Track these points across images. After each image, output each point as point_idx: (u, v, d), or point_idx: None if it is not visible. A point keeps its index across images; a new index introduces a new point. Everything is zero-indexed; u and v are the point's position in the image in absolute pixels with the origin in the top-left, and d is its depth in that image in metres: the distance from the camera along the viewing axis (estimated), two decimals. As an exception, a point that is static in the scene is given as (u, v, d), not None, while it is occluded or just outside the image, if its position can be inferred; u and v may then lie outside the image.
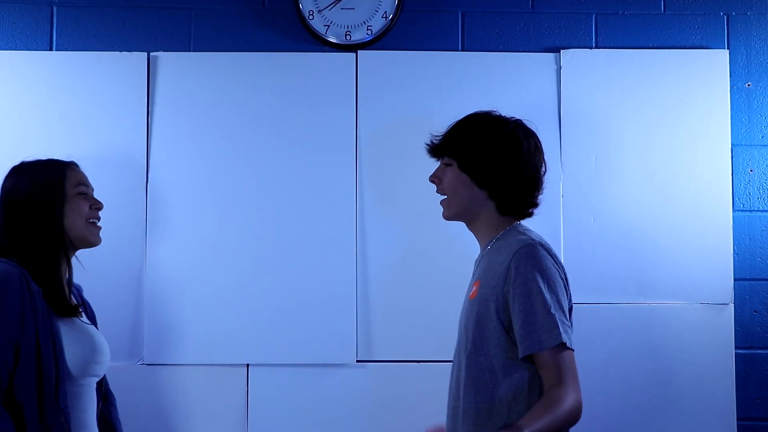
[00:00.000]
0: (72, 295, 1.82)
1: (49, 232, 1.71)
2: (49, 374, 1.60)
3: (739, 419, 2.28)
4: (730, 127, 2.34)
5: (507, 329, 1.60)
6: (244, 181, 2.30)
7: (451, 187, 1.73)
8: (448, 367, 1.89)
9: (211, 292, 2.27)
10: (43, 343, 1.60)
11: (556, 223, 2.30)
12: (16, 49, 2.33)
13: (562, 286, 1.62)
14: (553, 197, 2.31)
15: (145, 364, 2.25)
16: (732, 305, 2.30)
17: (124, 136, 2.29)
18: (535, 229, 1.82)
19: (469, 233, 1.87)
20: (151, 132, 2.31)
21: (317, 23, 2.33)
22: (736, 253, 2.33)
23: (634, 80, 2.34)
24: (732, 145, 2.35)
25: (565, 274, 1.67)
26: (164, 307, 2.26)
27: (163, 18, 2.36)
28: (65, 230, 1.74)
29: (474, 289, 1.68)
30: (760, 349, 2.32)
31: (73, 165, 1.84)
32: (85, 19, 2.35)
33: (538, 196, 1.74)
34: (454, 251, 2.26)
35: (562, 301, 1.60)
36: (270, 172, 2.31)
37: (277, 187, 2.31)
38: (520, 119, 1.76)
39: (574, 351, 1.57)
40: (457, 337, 1.78)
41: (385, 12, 2.33)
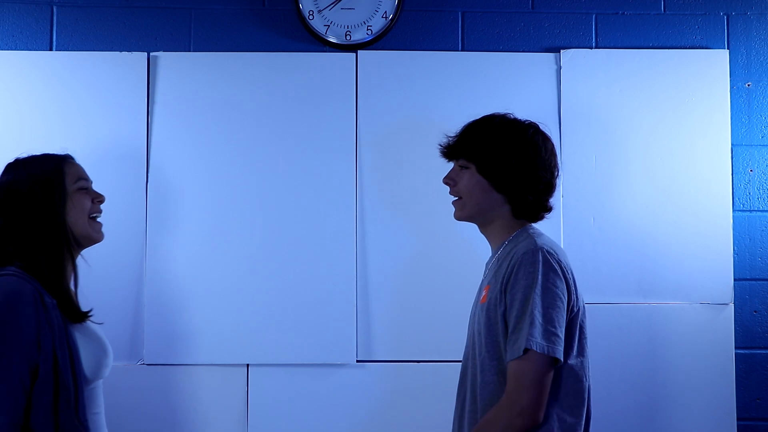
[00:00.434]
0: None
1: (53, 232, 1.65)
2: (67, 388, 1.56)
3: (739, 419, 2.28)
4: (730, 127, 2.34)
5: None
6: (244, 182, 2.30)
7: (468, 191, 1.72)
8: (448, 367, 1.90)
9: (212, 292, 2.27)
10: (61, 358, 1.56)
11: (556, 223, 2.30)
12: (16, 49, 2.33)
13: (560, 295, 1.60)
14: (554, 197, 2.30)
15: (145, 364, 2.25)
16: (732, 305, 2.30)
17: (125, 136, 2.29)
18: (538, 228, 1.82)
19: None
20: (151, 132, 2.31)
21: (317, 23, 2.33)
22: (736, 253, 2.33)
23: (634, 80, 2.34)
24: (732, 145, 2.35)
25: (573, 277, 1.66)
26: (164, 307, 2.26)
27: (163, 18, 2.36)
28: (68, 228, 1.68)
29: (484, 293, 1.69)
30: (760, 349, 2.33)
31: (70, 158, 1.79)
32: (85, 19, 2.35)
33: (551, 200, 1.75)
34: (455, 251, 2.26)
35: (553, 311, 1.57)
36: (270, 172, 2.31)
37: (277, 187, 2.31)
38: (536, 122, 1.76)
39: (552, 359, 1.56)
40: (467, 340, 1.78)
41: (385, 12, 2.33)
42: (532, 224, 1.75)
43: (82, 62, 2.32)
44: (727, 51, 2.37)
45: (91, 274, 1.92)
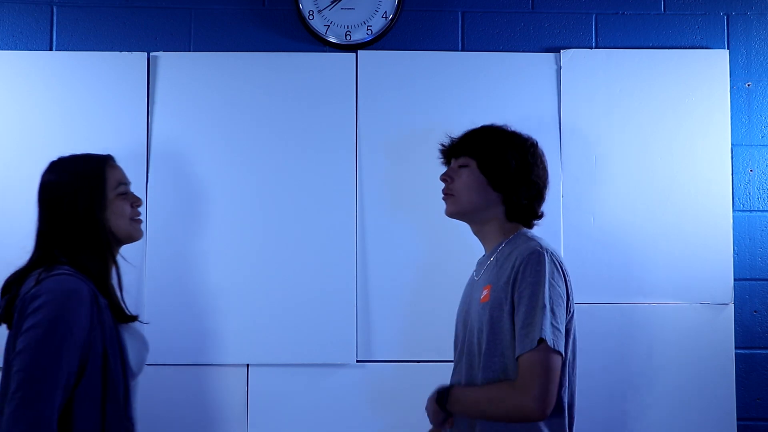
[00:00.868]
0: None
1: (95, 235, 1.70)
2: (116, 385, 1.61)
3: (739, 419, 2.28)
4: (730, 127, 2.34)
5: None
6: (244, 181, 2.30)
7: (465, 187, 1.78)
8: (448, 367, 1.90)
9: (212, 292, 2.27)
10: (111, 356, 1.61)
11: (556, 223, 2.30)
12: (16, 49, 2.33)
13: (562, 295, 1.66)
14: (553, 197, 2.31)
15: (145, 364, 2.24)
16: (732, 305, 2.30)
17: (124, 136, 2.29)
18: (536, 230, 1.86)
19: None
20: (151, 132, 2.31)
21: (317, 23, 2.33)
22: (736, 253, 2.33)
23: (634, 80, 2.34)
24: (732, 145, 2.35)
25: (570, 281, 1.71)
26: (164, 307, 2.26)
27: (163, 18, 2.37)
28: (110, 231, 1.74)
29: (486, 293, 1.71)
30: (760, 349, 2.33)
31: (111, 161, 1.83)
32: (85, 19, 2.35)
33: (541, 209, 1.83)
34: (455, 251, 2.26)
35: (557, 309, 1.63)
36: (270, 172, 2.31)
37: (277, 187, 2.31)
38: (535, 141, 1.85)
39: (559, 355, 1.61)
40: (461, 340, 1.81)
41: (385, 12, 2.33)
42: (527, 229, 1.81)
43: (82, 62, 2.32)
44: (727, 51, 2.37)
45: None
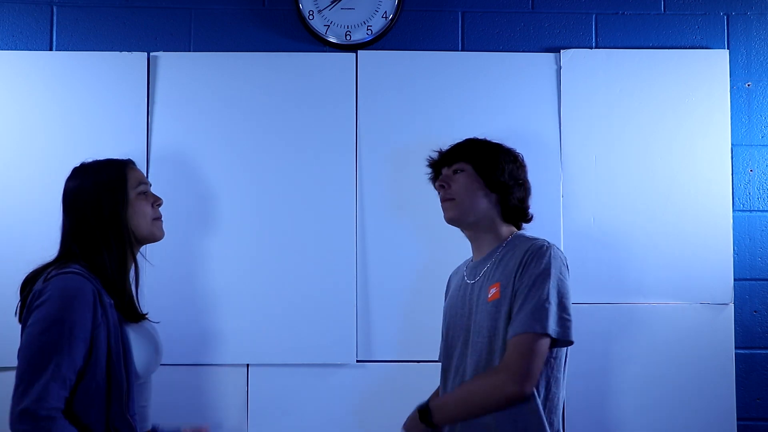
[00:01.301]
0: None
1: (117, 234, 1.75)
2: (119, 385, 1.65)
3: (739, 419, 2.28)
4: (730, 127, 2.34)
5: None
6: (244, 181, 2.31)
7: (463, 190, 1.83)
8: (448, 367, 1.90)
9: (212, 293, 2.27)
10: (115, 356, 1.65)
11: (556, 223, 2.30)
12: (16, 49, 2.33)
13: (569, 287, 1.72)
14: (553, 197, 2.31)
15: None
16: (732, 305, 2.30)
17: (124, 136, 2.29)
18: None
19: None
20: (151, 132, 2.31)
21: (317, 23, 2.33)
22: (736, 253, 2.33)
23: (634, 80, 2.34)
24: (732, 145, 2.35)
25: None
26: (164, 307, 2.25)
27: (163, 18, 2.37)
28: (131, 230, 1.78)
29: (494, 291, 1.74)
30: (760, 349, 2.33)
31: (131, 164, 1.87)
32: (85, 19, 2.35)
33: (528, 211, 1.91)
34: (455, 251, 2.25)
35: (566, 300, 1.70)
36: (270, 172, 2.31)
37: (277, 187, 2.31)
38: None
39: (551, 341, 1.66)
40: (462, 343, 1.82)
41: (385, 12, 2.33)
42: (521, 231, 1.88)
43: (82, 62, 2.32)
44: (727, 51, 2.37)
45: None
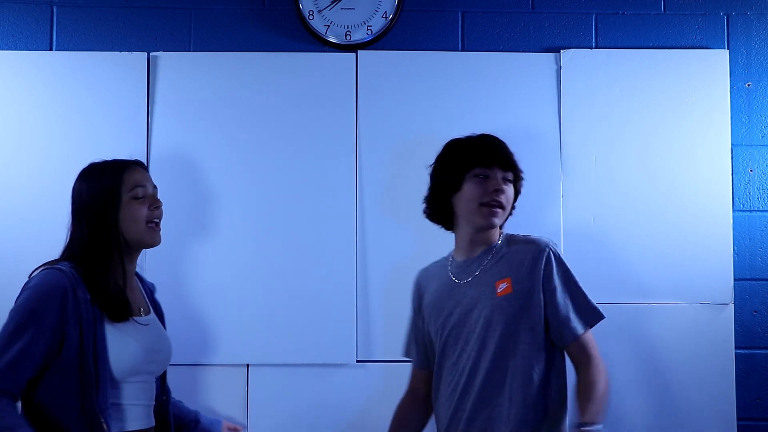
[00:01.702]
0: (144, 294, 1.91)
1: (105, 237, 1.77)
2: (89, 379, 1.66)
3: (739, 419, 2.28)
4: (730, 127, 2.34)
5: (546, 318, 1.81)
6: (244, 181, 2.30)
7: (508, 202, 1.88)
8: (448, 367, 1.90)
9: (211, 292, 2.27)
10: (86, 350, 1.67)
11: (556, 223, 2.30)
12: (16, 49, 2.33)
13: None
14: (553, 197, 2.31)
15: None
16: (732, 305, 2.30)
17: (124, 136, 2.29)
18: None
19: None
20: (151, 132, 2.31)
21: (317, 23, 2.33)
22: (736, 253, 2.33)
23: (634, 80, 2.34)
24: (732, 145, 2.35)
25: None
26: (164, 307, 2.25)
27: (163, 18, 2.37)
28: (121, 234, 1.79)
29: (505, 285, 1.79)
30: (760, 349, 2.32)
31: (134, 166, 1.86)
32: (85, 19, 2.35)
33: None
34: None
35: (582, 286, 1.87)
36: (270, 172, 2.31)
37: (277, 187, 2.31)
38: None
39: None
40: (461, 338, 1.83)
41: (385, 12, 2.33)
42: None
43: (82, 62, 2.32)
44: (727, 51, 2.37)
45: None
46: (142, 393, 1.80)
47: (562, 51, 2.36)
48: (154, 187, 1.89)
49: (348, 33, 2.33)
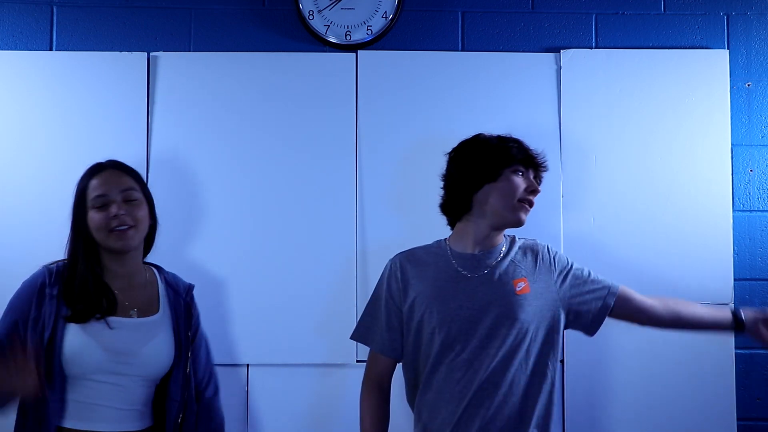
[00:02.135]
0: (160, 296, 1.91)
1: (78, 240, 1.84)
2: (42, 371, 1.70)
3: (739, 419, 2.28)
4: (730, 127, 2.34)
5: (566, 310, 1.87)
6: (244, 182, 2.31)
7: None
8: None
9: (212, 292, 2.27)
10: (43, 344, 1.73)
11: (556, 223, 2.30)
12: (16, 49, 2.33)
13: None
14: (553, 197, 2.31)
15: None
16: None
17: (124, 136, 2.29)
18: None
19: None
20: (151, 132, 2.31)
21: (317, 23, 2.33)
22: (736, 253, 2.33)
23: (634, 80, 2.34)
24: (732, 145, 2.35)
25: None
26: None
27: (163, 18, 2.37)
28: (92, 237, 1.83)
29: (523, 285, 1.83)
30: (760, 349, 2.32)
31: (102, 172, 1.86)
32: (85, 19, 2.36)
33: None
34: (454, 251, 2.25)
35: None
36: (270, 172, 2.31)
37: (277, 187, 2.31)
38: None
39: None
40: (475, 332, 1.81)
41: (385, 12, 2.33)
42: None
43: (82, 62, 2.32)
44: (727, 51, 2.37)
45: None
46: (114, 395, 1.78)
47: (562, 51, 2.36)
48: (124, 191, 1.84)
49: (348, 33, 2.33)
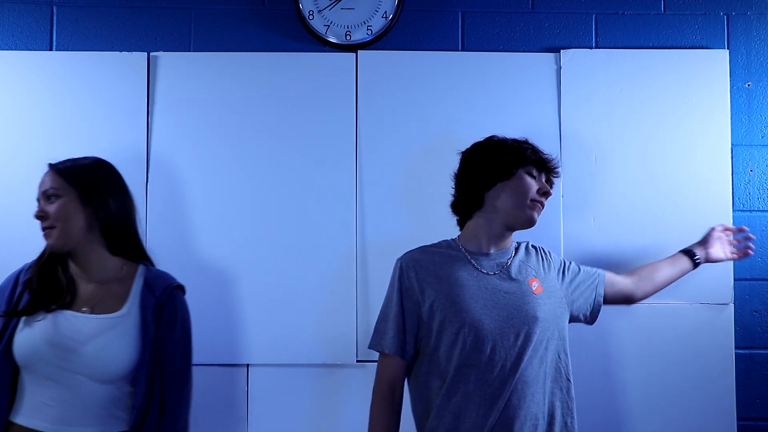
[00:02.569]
0: (131, 292, 1.84)
1: None
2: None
3: (739, 419, 2.28)
4: (730, 127, 2.34)
5: (570, 305, 1.95)
6: (244, 181, 2.31)
7: None
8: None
9: (212, 292, 2.27)
10: (5, 332, 1.78)
11: (556, 223, 2.30)
12: (16, 49, 2.33)
13: None
14: (553, 197, 2.29)
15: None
16: (732, 305, 2.30)
17: (124, 136, 2.29)
18: (535, 229, 1.94)
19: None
20: (151, 132, 2.31)
21: (317, 23, 2.33)
22: (736, 253, 2.33)
23: (634, 80, 2.34)
24: (732, 145, 2.35)
25: None
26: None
27: (163, 18, 2.37)
28: None
29: (537, 285, 1.87)
30: (760, 349, 2.33)
31: (43, 176, 1.83)
32: (85, 19, 2.36)
33: None
34: (454, 251, 2.25)
35: None
36: (270, 173, 2.31)
37: (277, 187, 2.31)
38: None
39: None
40: (508, 332, 1.80)
41: (385, 12, 2.33)
42: None
43: (82, 62, 2.32)
44: (727, 51, 2.37)
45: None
46: (63, 393, 1.72)
47: (562, 51, 2.36)
48: (44, 191, 1.81)
49: (348, 33, 2.33)
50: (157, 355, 1.79)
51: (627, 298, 2.12)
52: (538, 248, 1.98)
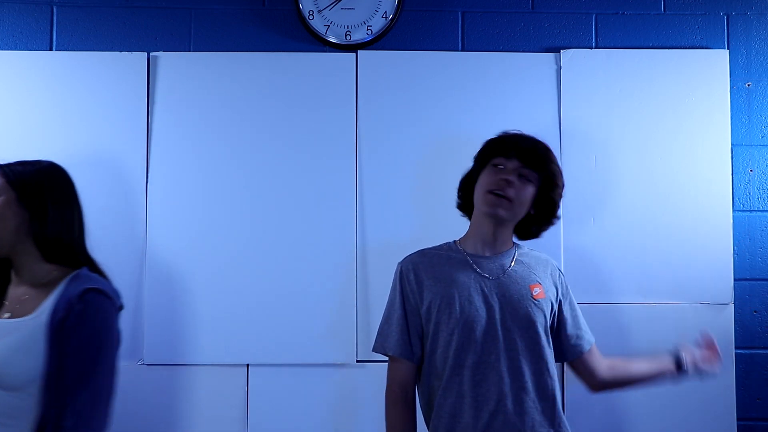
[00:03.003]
0: (51, 299, 1.70)
1: None
2: None
3: (739, 419, 2.28)
4: (730, 127, 2.34)
5: (556, 331, 1.92)
6: (244, 182, 2.31)
7: (522, 202, 1.85)
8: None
9: (212, 292, 2.27)
10: None
11: (556, 224, 2.30)
12: (16, 49, 2.33)
13: None
14: (553, 197, 2.31)
15: (145, 364, 2.25)
16: (732, 305, 2.30)
17: (124, 136, 2.29)
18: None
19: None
20: (151, 132, 2.31)
21: (317, 23, 2.33)
22: (736, 253, 2.33)
23: (634, 80, 2.34)
24: (732, 145, 2.35)
25: None
26: (164, 307, 2.26)
27: (163, 18, 2.37)
28: None
29: (539, 290, 1.85)
30: (760, 349, 2.33)
31: None
32: (85, 19, 2.36)
33: None
34: (454, 251, 2.25)
35: None
36: (270, 173, 2.31)
37: (277, 187, 2.31)
38: None
39: None
40: (497, 336, 1.80)
41: (385, 12, 2.33)
42: None
43: (82, 62, 2.32)
44: (727, 51, 2.37)
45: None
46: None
47: (562, 51, 2.36)
48: None
49: (348, 33, 2.33)
50: (60, 362, 1.63)
51: (591, 375, 1.96)
52: (555, 266, 1.94)
